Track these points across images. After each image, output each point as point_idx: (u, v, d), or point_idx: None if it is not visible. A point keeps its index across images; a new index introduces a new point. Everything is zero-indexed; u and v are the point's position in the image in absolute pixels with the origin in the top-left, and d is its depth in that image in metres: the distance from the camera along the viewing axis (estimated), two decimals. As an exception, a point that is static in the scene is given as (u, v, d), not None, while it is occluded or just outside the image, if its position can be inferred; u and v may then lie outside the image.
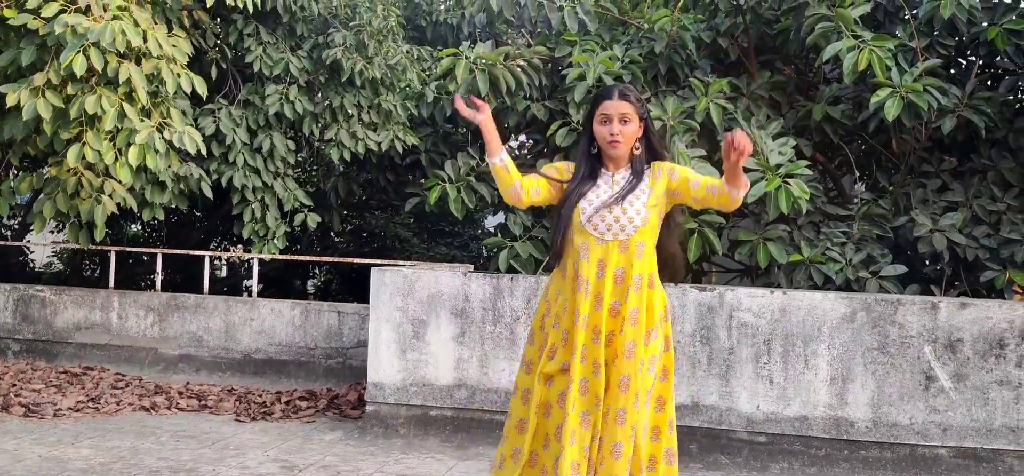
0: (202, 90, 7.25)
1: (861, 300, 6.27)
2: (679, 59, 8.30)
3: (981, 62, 8.29)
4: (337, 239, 10.84)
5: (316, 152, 9.08)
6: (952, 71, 8.38)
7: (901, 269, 7.46)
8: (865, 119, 7.79)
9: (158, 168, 7.00)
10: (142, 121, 6.87)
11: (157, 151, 6.91)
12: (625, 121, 4.14)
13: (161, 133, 7.00)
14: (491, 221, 9.53)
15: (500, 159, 4.11)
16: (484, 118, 4.12)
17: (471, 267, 7.52)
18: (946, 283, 7.89)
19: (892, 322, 6.19)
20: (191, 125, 7.53)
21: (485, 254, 11.40)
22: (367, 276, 11.16)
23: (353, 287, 11.02)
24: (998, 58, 8.11)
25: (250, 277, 11.43)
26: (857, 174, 8.53)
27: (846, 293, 6.53)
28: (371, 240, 10.71)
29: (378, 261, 8.38)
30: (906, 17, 8.03)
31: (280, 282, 11.05)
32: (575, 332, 4.07)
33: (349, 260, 8.78)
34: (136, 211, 7.90)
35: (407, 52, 8.37)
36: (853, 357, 6.21)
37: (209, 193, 7.99)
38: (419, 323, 6.70)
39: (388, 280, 6.74)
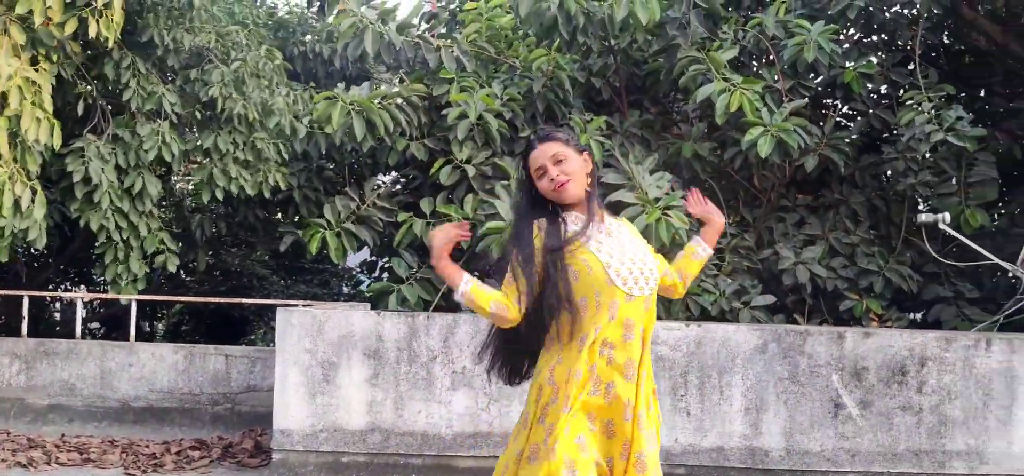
0: (57, 141, 6.60)
1: (772, 331, 6.10)
2: (555, 97, 8.00)
3: (838, 103, 8.36)
4: (188, 279, 9.96)
5: (184, 191, 8.26)
6: (812, 111, 8.40)
7: (770, 299, 7.39)
8: (731, 156, 7.70)
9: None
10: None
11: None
12: (560, 161, 3.44)
13: (11, 183, 6.25)
14: (354, 259, 8.94)
15: (463, 288, 3.36)
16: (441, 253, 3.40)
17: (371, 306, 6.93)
18: (809, 312, 7.89)
19: (801, 352, 6.03)
20: (37, 180, 6.73)
21: (346, 291, 10.78)
22: (225, 317, 10.40)
23: (209, 329, 10.13)
24: (853, 100, 8.18)
25: (93, 320, 10.41)
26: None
27: (758, 325, 6.35)
28: (227, 278, 9.87)
29: (281, 301, 7.73)
30: (770, 59, 7.97)
31: (124, 323, 10.01)
32: (595, 402, 3.33)
33: (240, 301, 8.04)
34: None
35: (285, 94, 7.68)
36: (766, 387, 6.02)
37: (43, 242, 7.04)
38: (329, 365, 6.08)
39: (296, 321, 6.09)
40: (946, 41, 9.08)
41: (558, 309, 3.37)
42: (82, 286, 9.91)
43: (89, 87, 7.34)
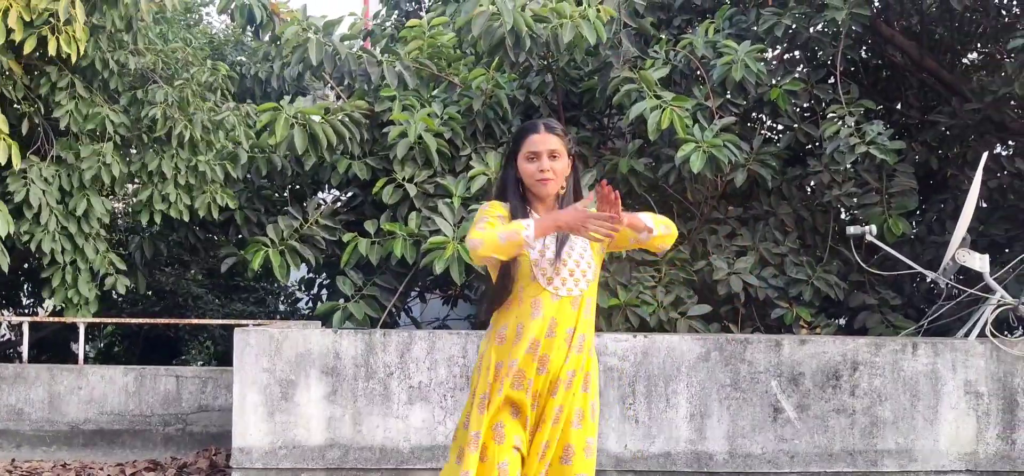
0: (17, 159, 6.74)
1: (714, 340, 6.50)
2: (495, 115, 8.31)
3: (766, 118, 8.82)
4: (120, 300, 10.01)
5: (125, 212, 8.34)
6: (741, 126, 8.83)
7: (706, 309, 7.77)
8: (665, 172, 8.08)
9: None
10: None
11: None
12: (554, 157, 3.73)
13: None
14: (293, 275, 9.12)
15: (527, 232, 3.55)
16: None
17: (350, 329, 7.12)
18: (741, 320, 8.31)
19: (742, 359, 6.44)
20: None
21: (283, 309, 10.94)
22: (159, 337, 10.47)
23: (143, 350, 10.19)
24: (779, 115, 8.64)
25: (20, 343, 10.38)
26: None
27: (700, 335, 6.74)
28: (160, 299, 9.96)
29: (241, 321, 7.82)
30: (700, 76, 8.37)
31: (54, 346, 10.03)
32: (517, 395, 3.69)
33: (190, 321, 8.17)
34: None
35: (235, 108, 7.86)
36: (709, 394, 6.41)
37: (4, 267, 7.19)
38: (288, 383, 6.31)
39: (253, 341, 6.32)
40: (864, 56, 9.61)
41: (500, 283, 3.74)
42: (10, 309, 9.92)
43: (33, 108, 7.43)
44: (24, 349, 7.66)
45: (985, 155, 7.51)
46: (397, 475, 6.32)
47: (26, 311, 10.02)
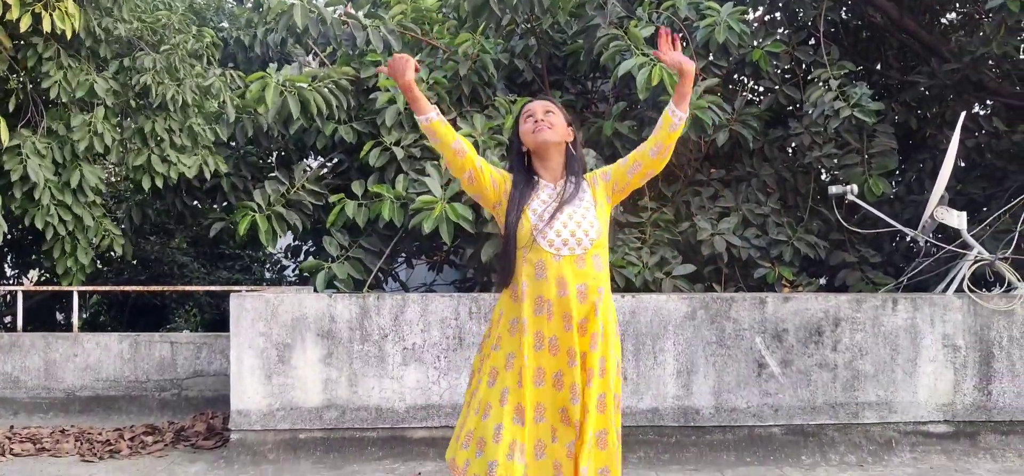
0: (5, 135, 6.92)
1: (700, 299, 6.80)
2: (479, 80, 8.54)
3: (747, 80, 9.09)
4: (105, 269, 10.24)
5: (109, 182, 8.54)
6: (723, 88, 9.11)
7: (690, 269, 8.06)
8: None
9: None
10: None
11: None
12: (549, 113, 4.14)
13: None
14: (280, 243, 9.36)
15: (430, 116, 3.98)
16: (408, 81, 3.93)
17: (333, 289, 7.38)
18: (725, 280, 8.62)
19: (727, 317, 6.75)
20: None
21: (269, 276, 11.18)
22: (145, 305, 10.70)
23: (131, 318, 10.43)
24: (761, 77, 8.92)
25: (7, 314, 10.60)
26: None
27: (687, 294, 7.04)
28: (146, 267, 10.18)
29: (235, 287, 8.05)
30: (683, 37, 8.63)
31: (40, 315, 10.25)
32: (540, 357, 4.00)
33: (200, 288, 8.36)
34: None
35: (220, 74, 8.08)
36: (696, 351, 6.72)
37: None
38: (284, 347, 6.58)
39: (249, 306, 6.57)
40: (844, 17, 9.90)
41: (504, 251, 4.10)
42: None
43: (20, 78, 7.61)
44: (19, 317, 7.87)
45: (963, 115, 7.82)
46: (393, 434, 6.61)
47: (11, 280, 10.22)
